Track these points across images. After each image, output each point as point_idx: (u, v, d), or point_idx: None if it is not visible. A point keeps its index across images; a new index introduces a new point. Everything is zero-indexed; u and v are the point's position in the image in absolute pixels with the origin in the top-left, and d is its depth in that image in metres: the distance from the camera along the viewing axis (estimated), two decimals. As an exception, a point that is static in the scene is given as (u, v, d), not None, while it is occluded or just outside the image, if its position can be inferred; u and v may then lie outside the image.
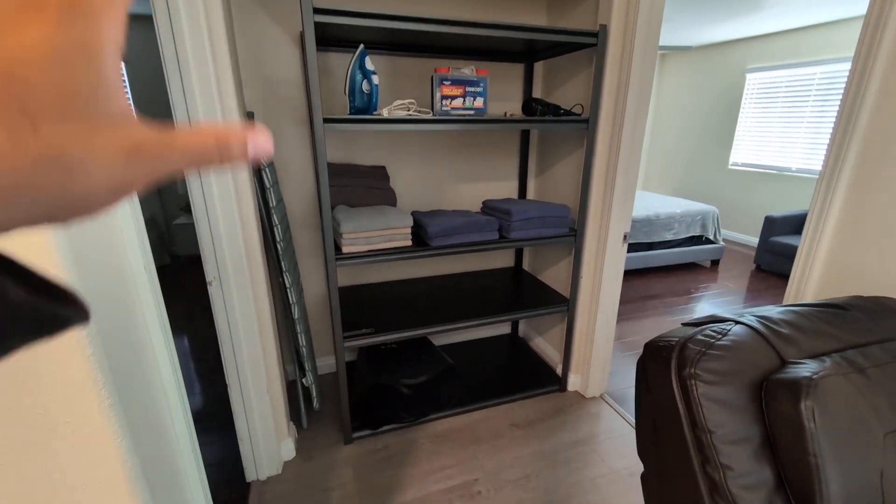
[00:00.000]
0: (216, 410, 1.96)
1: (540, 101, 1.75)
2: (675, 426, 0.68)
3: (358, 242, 1.54)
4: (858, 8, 3.48)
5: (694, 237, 3.90)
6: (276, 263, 1.58)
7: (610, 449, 1.74)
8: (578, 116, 1.70)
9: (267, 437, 1.54)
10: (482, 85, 1.55)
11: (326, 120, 1.34)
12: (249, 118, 1.54)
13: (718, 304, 3.27)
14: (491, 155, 2.18)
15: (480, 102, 1.56)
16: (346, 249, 1.53)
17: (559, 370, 2.14)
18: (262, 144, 0.16)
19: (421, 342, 2.22)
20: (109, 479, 0.59)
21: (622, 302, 3.10)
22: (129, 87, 3.67)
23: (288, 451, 1.65)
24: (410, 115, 1.45)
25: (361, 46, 1.41)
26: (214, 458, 1.68)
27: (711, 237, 3.94)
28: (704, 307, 3.20)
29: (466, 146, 2.12)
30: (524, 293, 2.06)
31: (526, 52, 1.92)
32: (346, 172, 1.84)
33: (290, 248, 1.69)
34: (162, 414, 0.76)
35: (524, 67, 2.08)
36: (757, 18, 3.76)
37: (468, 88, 1.53)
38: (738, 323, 0.73)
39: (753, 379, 0.67)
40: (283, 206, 1.75)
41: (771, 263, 3.80)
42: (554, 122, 1.66)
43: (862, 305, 0.82)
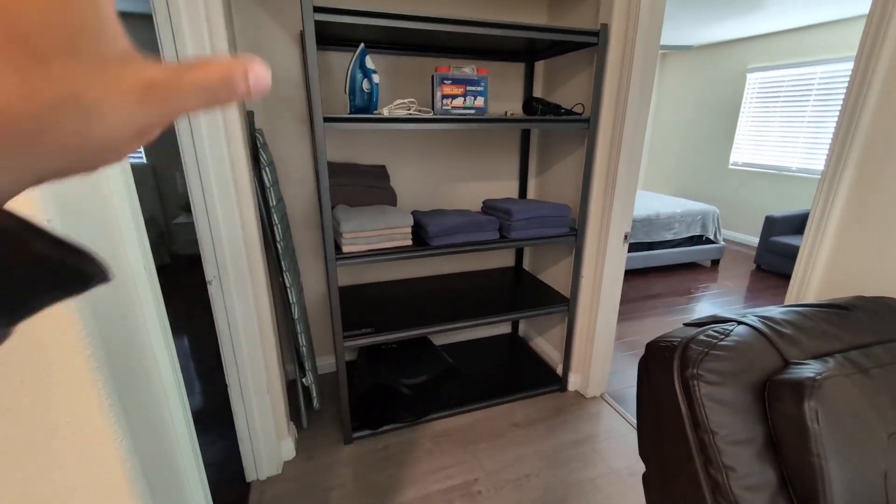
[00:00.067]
0: (216, 410, 1.96)
1: (541, 100, 1.75)
2: (677, 427, 0.67)
3: (358, 242, 1.54)
4: (859, 8, 3.47)
5: (694, 237, 3.90)
6: (276, 263, 1.58)
7: (610, 449, 1.74)
8: (579, 116, 1.69)
9: (267, 436, 1.53)
10: (483, 84, 1.54)
11: (327, 119, 1.34)
12: (249, 118, 1.53)
13: (719, 303, 3.27)
14: (491, 154, 2.18)
15: (481, 102, 1.56)
16: (346, 249, 1.53)
17: (559, 370, 2.14)
18: (261, 76, 0.16)
19: (421, 342, 2.22)
20: (109, 479, 0.58)
21: (622, 301, 3.09)
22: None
23: (288, 450, 1.65)
24: (411, 114, 1.45)
25: (362, 45, 1.41)
26: (214, 458, 1.68)
27: (712, 237, 3.95)
28: (705, 307, 3.20)
29: (467, 145, 2.12)
30: (524, 293, 2.05)
31: (527, 51, 1.91)
32: (346, 171, 1.83)
33: (290, 247, 1.69)
34: (162, 414, 0.76)
35: (525, 67, 2.07)
36: (757, 18, 3.76)
37: (469, 88, 1.53)
38: (740, 323, 0.73)
39: (756, 379, 0.67)
40: (282, 205, 1.75)
41: (771, 263, 3.80)
42: (554, 121, 1.66)
43: (865, 306, 0.81)
